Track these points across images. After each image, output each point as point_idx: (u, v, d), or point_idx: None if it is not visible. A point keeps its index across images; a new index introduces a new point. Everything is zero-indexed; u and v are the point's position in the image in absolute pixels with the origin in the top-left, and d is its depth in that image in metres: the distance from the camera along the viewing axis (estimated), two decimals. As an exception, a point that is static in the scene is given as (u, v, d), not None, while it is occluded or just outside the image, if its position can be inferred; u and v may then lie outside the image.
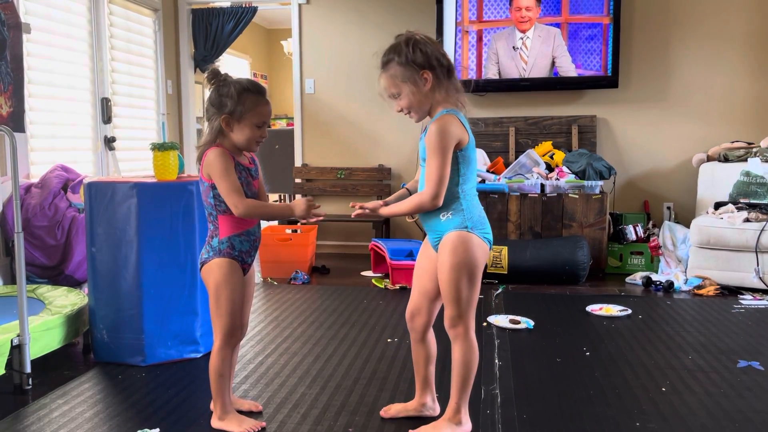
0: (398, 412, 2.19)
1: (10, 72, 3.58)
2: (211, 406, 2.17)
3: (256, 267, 2.29)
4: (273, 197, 8.65)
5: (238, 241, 2.08)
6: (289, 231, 4.83)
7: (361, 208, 2.01)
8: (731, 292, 3.91)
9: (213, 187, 2.05)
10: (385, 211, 2.01)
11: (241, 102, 2.01)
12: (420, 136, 2.03)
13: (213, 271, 2.06)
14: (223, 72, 2.05)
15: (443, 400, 2.13)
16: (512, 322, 3.23)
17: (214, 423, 2.12)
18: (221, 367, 2.08)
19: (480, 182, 4.62)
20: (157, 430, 2.09)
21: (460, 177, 1.94)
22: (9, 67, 3.57)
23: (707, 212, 4.27)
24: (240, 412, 2.20)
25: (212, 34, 5.80)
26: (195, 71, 5.93)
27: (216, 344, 2.09)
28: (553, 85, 5.01)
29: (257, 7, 5.99)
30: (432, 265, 2.03)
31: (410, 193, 2.12)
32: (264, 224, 7.06)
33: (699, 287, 3.93)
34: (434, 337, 2.16)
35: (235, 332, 2.09)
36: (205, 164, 2.04)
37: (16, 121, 3.64)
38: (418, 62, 1.89)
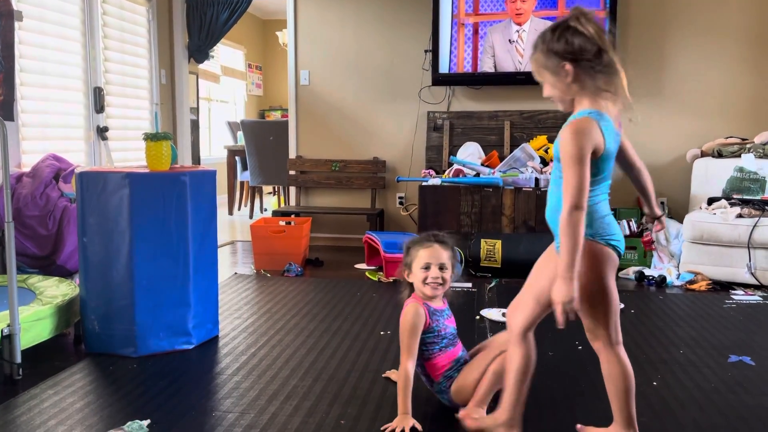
0: None
1: (1, 60, 3.55)
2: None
3: (249, 260, 2.27)
4: (267, 189, 8.64)
5: None
6: (282, 223, 4.82)
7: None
8: (723, 287, 3.92)
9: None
10: (568, 274, 1.69)
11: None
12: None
13: None
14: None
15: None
16: (505, 315, 3.23)
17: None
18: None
19: (474, 176, 4.62)
20: (148, 421, 2.08)
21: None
22: (0, 55, 3.54)
23: (700, 208, 4.28)
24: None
25: (207, 23, 5.76)
26: (189, 61, 5.90)
27: None
28: (549, 79, 5.00)
29: (252, -3, 5.95)
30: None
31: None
32: (258, 216, 7.04)
33: (691, 282, 3.94)
34: (617, 356, 1.87)
35: None
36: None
37: (7, 110, 3.61)
38: (559, 52, 1.70)
